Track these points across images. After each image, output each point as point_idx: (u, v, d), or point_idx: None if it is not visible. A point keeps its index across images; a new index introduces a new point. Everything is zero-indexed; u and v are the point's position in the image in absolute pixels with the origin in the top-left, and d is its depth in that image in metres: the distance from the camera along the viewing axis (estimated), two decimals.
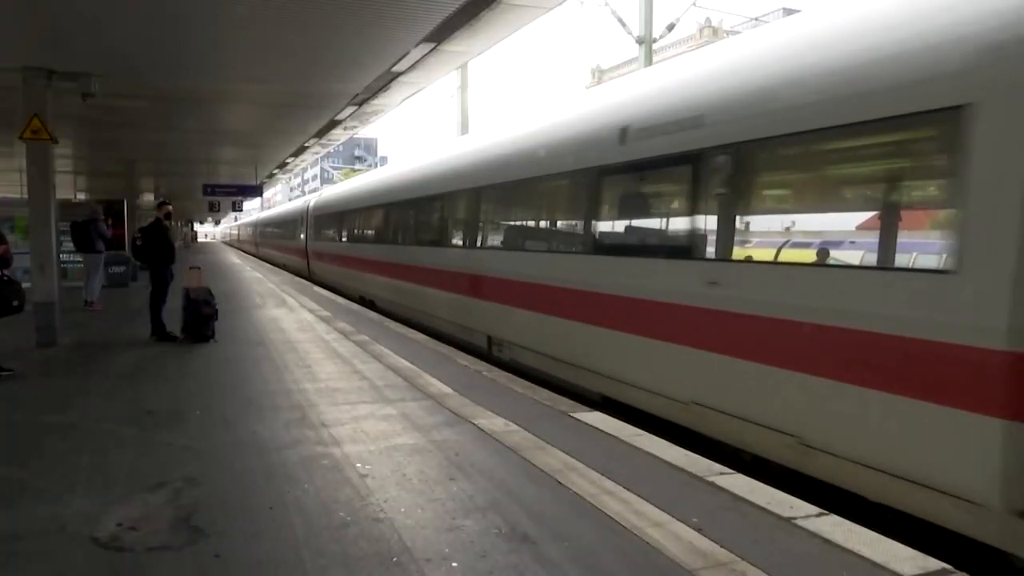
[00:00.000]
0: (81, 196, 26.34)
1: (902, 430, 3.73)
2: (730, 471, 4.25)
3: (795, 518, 3.55)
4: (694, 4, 16.03)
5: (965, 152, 3.51)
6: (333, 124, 13.88)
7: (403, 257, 12.73)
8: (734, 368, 4.85)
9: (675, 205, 6.15)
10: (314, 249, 22.32)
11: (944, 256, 3.67)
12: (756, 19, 38.23)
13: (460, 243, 10.32)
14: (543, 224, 8.58)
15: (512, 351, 8.34)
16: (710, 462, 4.42)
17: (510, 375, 7.19)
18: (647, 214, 6.76)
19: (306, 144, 17.27)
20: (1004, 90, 3.36)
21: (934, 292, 3.63)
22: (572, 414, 5.60)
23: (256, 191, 23.26)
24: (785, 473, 4.47)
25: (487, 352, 8.90)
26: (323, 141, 16.92)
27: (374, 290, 14.84)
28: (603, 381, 6.49)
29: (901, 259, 4.08)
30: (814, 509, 3.67)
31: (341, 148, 70.65)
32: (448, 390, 6.40)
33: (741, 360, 4.80)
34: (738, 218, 5.23)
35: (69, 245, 13.70)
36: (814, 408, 4.27)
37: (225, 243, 76.31)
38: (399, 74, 9.60)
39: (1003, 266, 3.32)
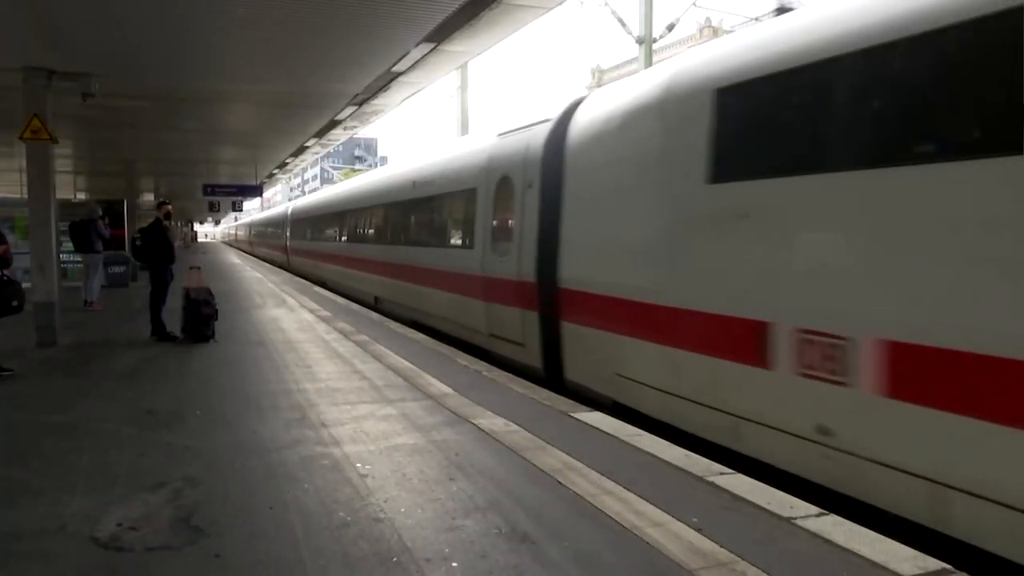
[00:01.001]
0: (81, 196, 26.34)
1: (461, 307, 9.40)
2: (730, 471, 4.26)
3: (795, 518, 3.55)
4: (694, 4, 16.04)
5: (476, 205, 9.01)
6: (333, 124, 13.88)
7: (337, 250, 19.06)
8: (438, 295, 10.55)
9: (423, 221, 11.97)
10: (291, 246, 28.32)
11: (470, 241, 9.22)
12: (756, 19, 38.16)
13: (358, 241, 16.75)
14: (391, 229, 14.02)
15: (383, 304, 14.08)
16: (710, 462, 4.43)
17: (510, 375, 7.20)
18: (420, 225, 12.20)
19: (306, 144, 17.27)
20: (480, 184, 8.95)
21: (469, 256, 9.15)
22: (572, 414, 5.60)
23: (256, 191, 23.25)
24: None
25: (374, 304, 14.50)
26: (323, 141, 16.92)
27: (325, 274, 20.71)
28: (415, 313, 11.92)
29: (461, 243, 9.72)
30: (814, 509, 3.67)
31: (341, 148, 70.64)
32: (448, 390, 6.40)
33: (442, 291, 10.40)
34: (437, 227, 11.29)
35: (69, 245, 13.70)
36: (445, 306, 10.21)
37: (225, 243, 76.53)
38: (399, 74, 9.60)
39: (482, 246, 8.74)
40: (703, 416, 5.09)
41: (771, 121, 4.77)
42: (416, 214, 12.36)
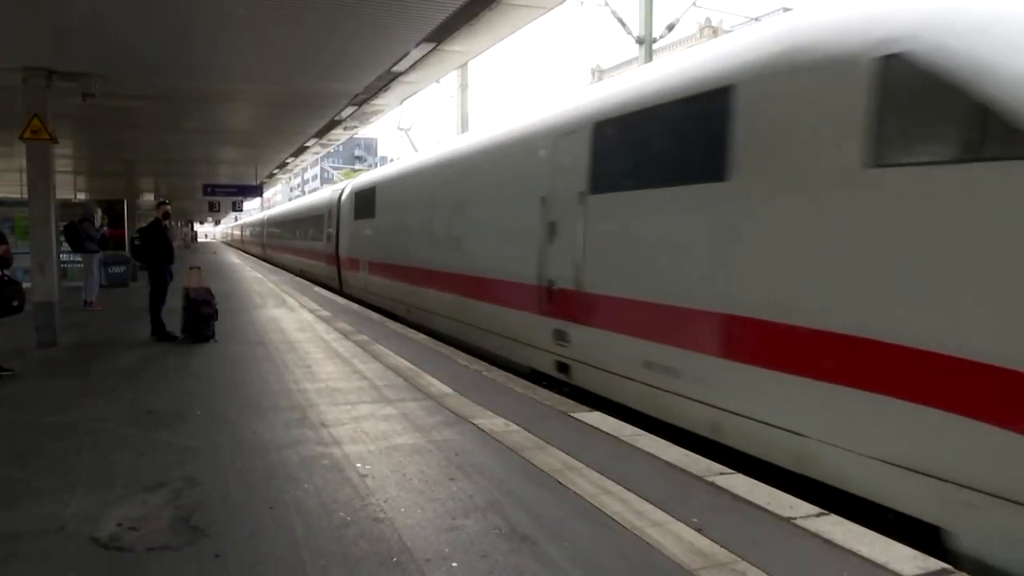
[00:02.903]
0: (81, 196, 26.33)
1: (322, 269, 20.12)
2: (730, 471, 4.26)
3: (795, 518, 3.55)
4: (694, 4, 16.05)
5: (323, 222, 20.03)
6: (333, 124, 13.87)
7: (283, 244, 30.06)
8: (317, 265, 21.08)
9: (311, 228, 22.47)
10: (266, 243, 39.33)
11: (322, 238, 20.02)
12: (756, 19, 38.18)
13: (290, 238, 27.86)
14: (300, 232, 24.97)
15: (303, 274, 22.66)
16: (710, 462, 4.42)
17: (510, 375, 7.20)
18: (310, 230, 22.75)
19: (306, 144, 17.27)
20: (324, 212, 20.11)
21: (323, 245, 19.84)
22: (572, 414, 5.60)
23: (256, 191, 23.26)
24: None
25: (297, 274, 23.72)
26: (323, 141, 16.92)
27: (281, 260, 30.45)
28: (314, 277, 21.11)
29: (320, 239, 20.43)
30: (814, 509, 3.67)
31: (341, 148, 70.60)
32: (448, 390, 6.40)
33: (318, 262, 20.81)
34: (316, 232, 21.57)
35: (68, 245, 13.69)
36: (318, 269, 20.79)
37: (224, 243, 76.91)
38: (399, 74, 9.59)
39: (324, 240, 19.56)
40: (361, 292, 14.89)
41: (364, 204, 14.70)
42: (309, 224, 22.97)
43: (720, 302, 4.76)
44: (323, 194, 22.78)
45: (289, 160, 21.29)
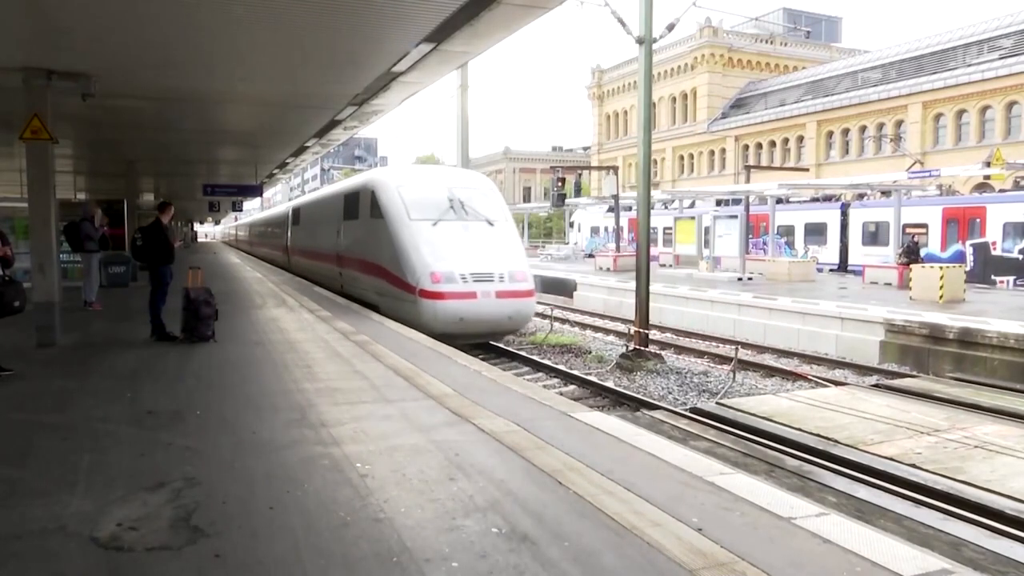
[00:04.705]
0: (81, 196, 26.33)
1: (278, 258, 29.35)
2: (730, 471, 4.26)
3: (795, 518, 3.55)
4: (694, 4, 16.06)
5: (283, 226, 28.15)
6: (333, 124, 13.86)
7: (263, 241, 36.85)
8: (276, 254, 30.05)
9: (276, 230, 31.62)
10: (252, 240, 48.89)
11: (282, 236, 28.10)
12: (756, 19, 38.22)
13: (266, 236, 36.02)
14: (269, 233, 34.52)
15: (269, 259, 32.46)
16: (710, 462, 4.43)
17: (510, 375, 7.20)
18: (274, 232, 32.36)
19: (306, 144, 17.26)
20: (282, 220, 29.59)
21: (281, 241, 27.96)
22: (572, 414, 5.61)
23: (256, 191, 23.21)
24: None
25: (269, 261, 32.29)
26: (323, 141, 16.89)
27: (263, 254, 36.29)
28: (280, 264, 28.34)
29: (279, 238, 29.25)
30: (814, 509, 3.68)
31: (341, 148, 70.68)
32: (448, 390, 6.40)
33: (278, 252, 29.46)
34: (278, 232, 30.64)
35: (67, 245, 13.68)
36: (277, 259, 30.13)
37: (224, 243, 77.31)
38: (399, 74, 9.58)
39: (284, 237, 27.21)
40: (297, 267, 23.79)
41: (296, 216, 25.21)
42: (277, 227, 29.99)
43: (367, 257, 14.15)
44: (284, 207, 32.39)
45: (289, 160, 21.28)
